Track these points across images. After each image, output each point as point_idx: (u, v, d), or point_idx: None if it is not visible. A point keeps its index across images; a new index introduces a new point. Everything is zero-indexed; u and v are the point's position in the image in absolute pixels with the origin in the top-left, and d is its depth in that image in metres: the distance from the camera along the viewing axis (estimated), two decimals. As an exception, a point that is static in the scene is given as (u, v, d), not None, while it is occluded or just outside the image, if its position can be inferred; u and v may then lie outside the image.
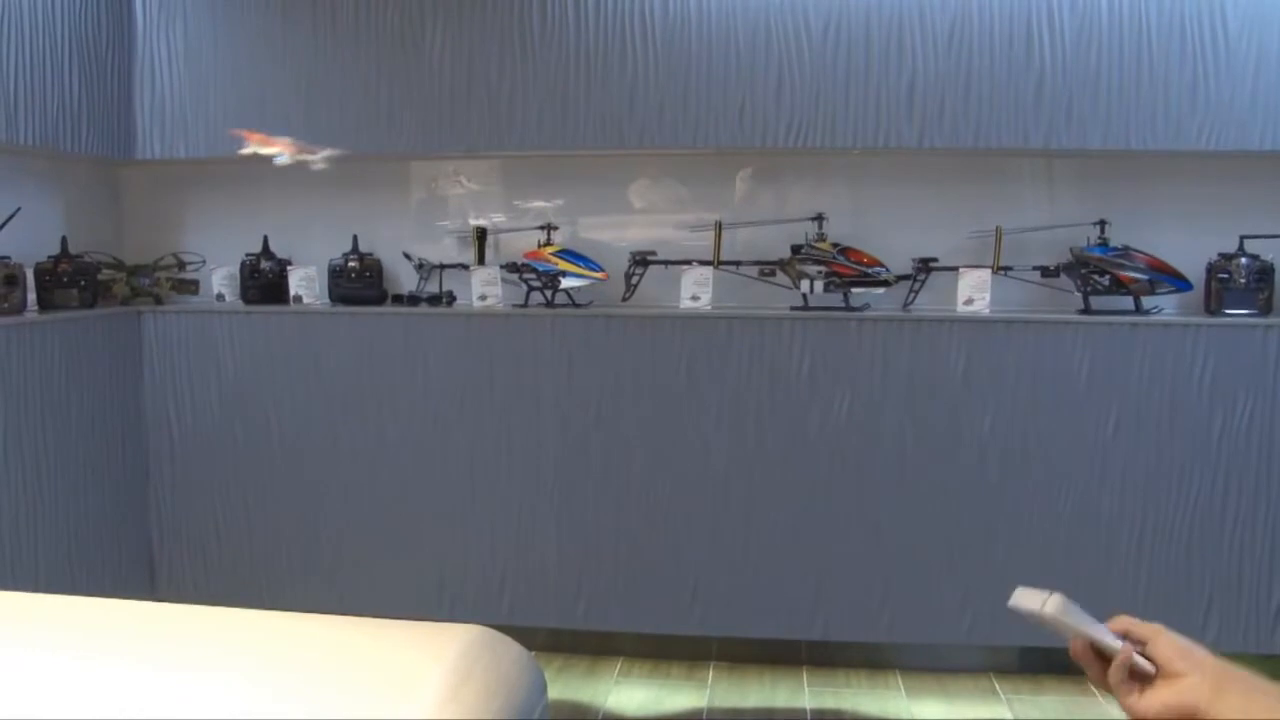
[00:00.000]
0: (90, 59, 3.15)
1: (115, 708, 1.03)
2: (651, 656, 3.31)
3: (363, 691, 1.06)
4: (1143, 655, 1.03)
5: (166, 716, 1.02)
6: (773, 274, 3.28)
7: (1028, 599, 1.05)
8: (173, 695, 1.05)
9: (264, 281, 3.46)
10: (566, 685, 3.13)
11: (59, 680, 1.08)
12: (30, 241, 3.10)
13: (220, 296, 3.51)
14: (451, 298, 3.44)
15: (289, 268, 3.47)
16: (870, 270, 3.17)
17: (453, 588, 3.31)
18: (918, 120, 3.05)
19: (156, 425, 3.40)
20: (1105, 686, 1.05)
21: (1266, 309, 3.03)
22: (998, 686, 3.11)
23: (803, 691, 3.10)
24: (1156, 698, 1.01)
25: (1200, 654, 1.01)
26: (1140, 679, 1.03)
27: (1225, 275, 3.05)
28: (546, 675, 1.30)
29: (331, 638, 1.20)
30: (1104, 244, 3.11)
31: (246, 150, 3.10)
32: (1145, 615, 1.07)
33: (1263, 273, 3.02)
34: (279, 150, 3.06)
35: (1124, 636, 1.05)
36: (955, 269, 3.19)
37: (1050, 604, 1.04)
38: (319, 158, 3.02)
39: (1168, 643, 1.02)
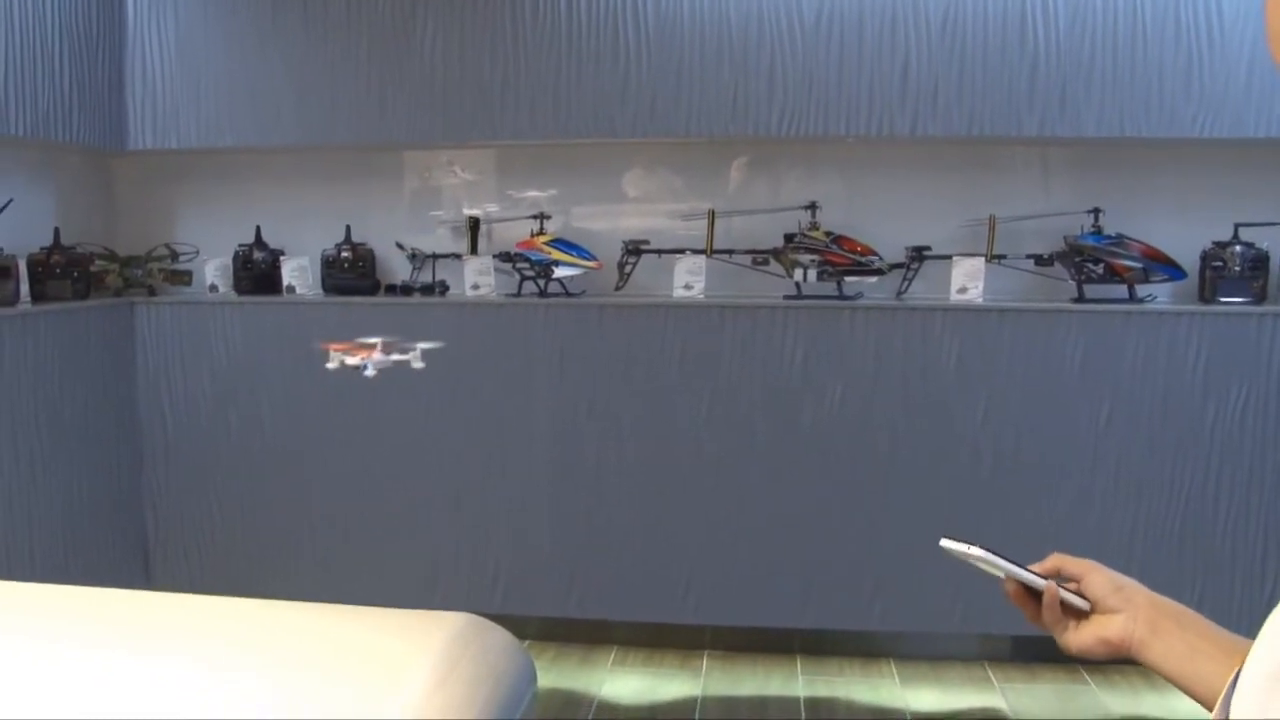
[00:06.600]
0: (81, 49, 3.14)
1: (105, 695, 1.03)
2: (645, 645, 3.31)
3: (349, 679, 1.06)
4: (1076, 592, 1.04)
5: (154, 704, 1.01)
6: (766, 263, 3.28)
7: (955, 545, 1.09)
8: (160, 683, 1.05)
9: (257, 272, 3.46)
10: (560, 674, 3.13)
11: (52, 669, 1.08)
12: (22, 233, 3.09)
13: (213, 287, 3.50)
14: (445, 287, 3.43)
15: (282, 258, 3.46)
16: (863, 259, 3.16)
17: (446, 577, 3.30)
18: (911, 108, 3.04)
19: (150, 416, 3.40)
20: (1042, 625, 1.07)
21: (1261, 297, 3.02)
22: (991, 675, 3.11)
23: (796, 680, 3.10)
24: (1090, 633, 1.02)
25: (1132, 589, 1.03)
26: (1075, 615, 1.04)
27: (1220, 263, 3.04)
28: (540, 664, 1.30)
29: (318, 625, 1.20)
30: (1098, 232, 3.11)
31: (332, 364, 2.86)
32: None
33: (1257, 260, 3.02)
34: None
35: (1057, 574, 1.07)
36: (949, 258, 3.18)
37: (976, 549, 1.08)
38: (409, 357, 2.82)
39: (1101, 579, 1.04)
